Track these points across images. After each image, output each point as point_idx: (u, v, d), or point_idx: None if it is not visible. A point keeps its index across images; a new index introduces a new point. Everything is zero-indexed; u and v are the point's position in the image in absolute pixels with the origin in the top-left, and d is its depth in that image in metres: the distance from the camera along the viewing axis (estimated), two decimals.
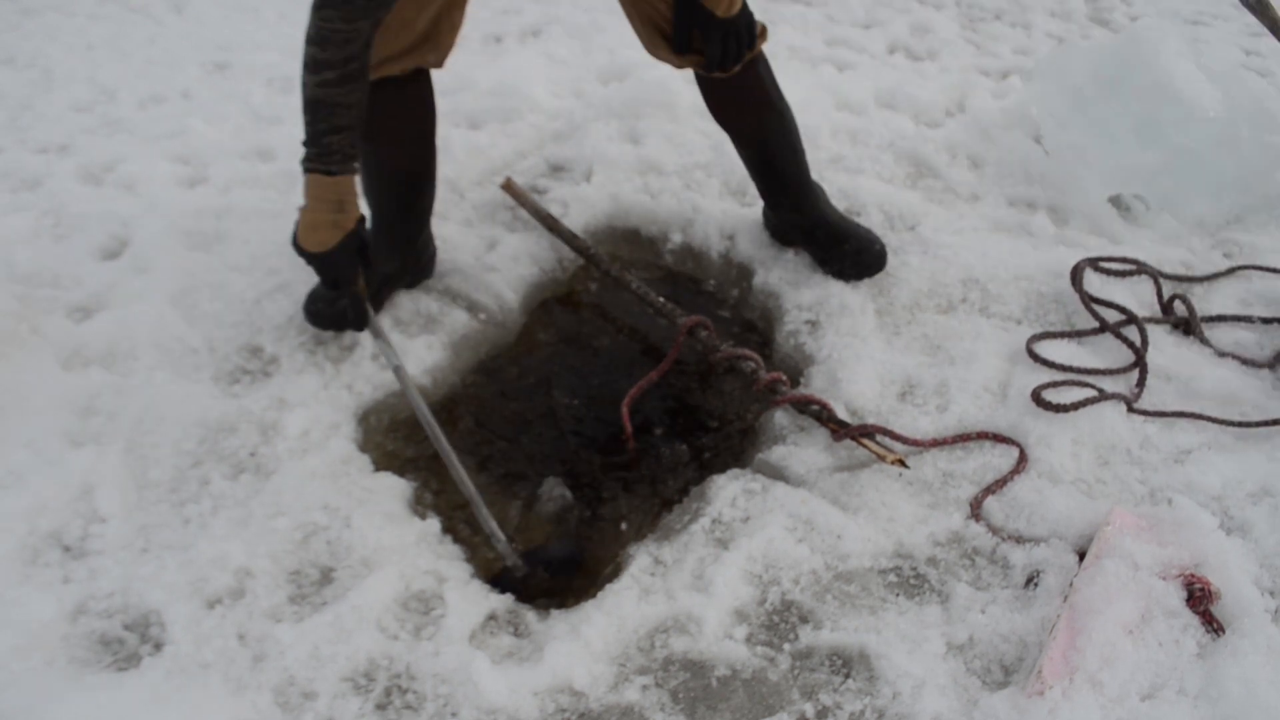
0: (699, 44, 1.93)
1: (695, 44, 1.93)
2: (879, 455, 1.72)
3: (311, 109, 1.62)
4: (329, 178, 1.66)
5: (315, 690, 1.41)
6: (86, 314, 2.07)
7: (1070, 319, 2.11)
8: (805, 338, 2.08)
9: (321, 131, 1.62)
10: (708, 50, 1.92)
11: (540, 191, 2.52)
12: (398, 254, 2.09)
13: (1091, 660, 1.36)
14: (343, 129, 1.63)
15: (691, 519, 1.69)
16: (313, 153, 1.65)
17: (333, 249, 1.72)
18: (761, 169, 2.21)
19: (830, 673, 1.44)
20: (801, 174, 2.21)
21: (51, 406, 1.82)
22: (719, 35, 1.88)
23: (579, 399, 2.08)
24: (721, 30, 1.88)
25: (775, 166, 2.19)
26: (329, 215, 1.69)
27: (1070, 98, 2.56)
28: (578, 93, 3.01)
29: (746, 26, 1.91)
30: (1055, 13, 3.86)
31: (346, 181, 1.69)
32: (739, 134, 2.17)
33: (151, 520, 1.65)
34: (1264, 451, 1.77)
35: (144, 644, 1.47)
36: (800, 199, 2.21)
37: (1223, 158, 2.40)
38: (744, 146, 2.20)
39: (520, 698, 1.40)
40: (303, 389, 1.90)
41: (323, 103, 1.60)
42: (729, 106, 2.11)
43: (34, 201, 2.44)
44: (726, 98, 2.08)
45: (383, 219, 2.08)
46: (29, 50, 3.28)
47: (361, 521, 1.65)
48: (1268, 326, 2.08)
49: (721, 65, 1.94)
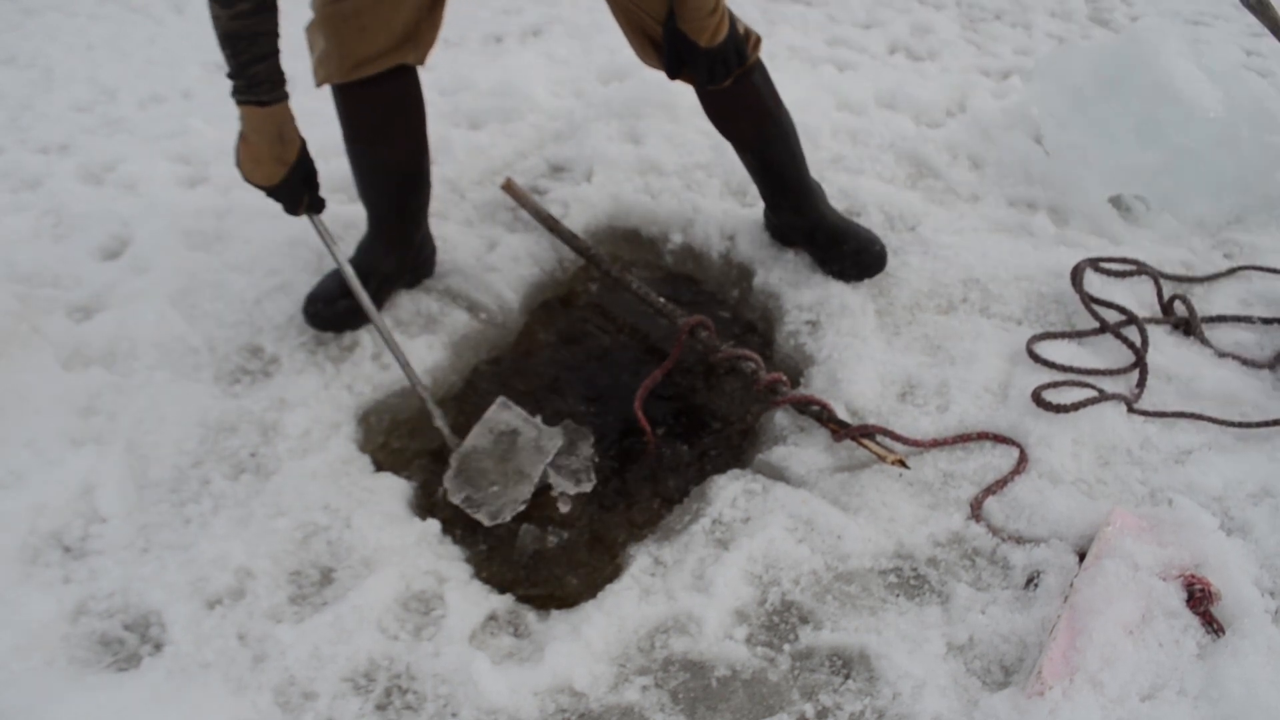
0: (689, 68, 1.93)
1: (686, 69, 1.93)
2: (879, 455, 1.72)
3: (230, 42, 1.57)
4: (263, 109, 1.64)
5: (315, 690, 1.41)
6: (86, 314, 2.07)
7: (1070, 319, 2.11)
8: (805, 338, 2.08)
9: (245, 63, 1.59)
10: (696, 74, 1.92)
11: (540, 192, 2.52)
12: (394, 253, 2.09)
13: (1092, 661, 1.36)
14: (266, 56, 1.60)
15: (692, 519, 1.69)
16: (241, 85, 1.61)
17: (279, 184, 1.73)
18: (761, 173, 2.21)
19: (830, 673, 1.44)
20: (801, 177, 2.21)
21: (51, 406, 1.82)
22: (705, 63, 1.88)
23: (579, 399, 2.08)
24: (708, 59, 1.87)
25: (774, 171, 2.19)
26: (270, 148, 1.68)
27: (1070, 98, 2.56)
28: (578, 93, 3.01)
29: (735, 50, 1.90)
30: (1055, 13, 3.86)
31: (281, 110, 1.66)
32: (738, 142, 2.17)
33: (152, 520, 1.65)
34: (1264, 452, 1.77)
35: (144, 644, 1.47)
36: (800, 201, 2.21)
37: (1223, 158, 2.40)
38: (743, 153, 2.20)
39: (520, 698, 1.40)
40: (303, 389, 1.90)
41: (241, 35, 1.56)
42: (726, 116, 2.11)
43: (34, 201, 2.45)
44: (723, 108, 2.08)
45: (377, 218, 2.07)
46: (29, 50, 3.28)
47: (362, 522, 1.65)
48: (1268, 327, 2.08)
49: (711, 83, 1.94)
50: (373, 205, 2.07)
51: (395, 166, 2.01)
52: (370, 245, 2.09)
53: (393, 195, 2.05)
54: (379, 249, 2.07)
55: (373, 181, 2.03)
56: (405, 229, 2.09)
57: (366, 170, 2.02)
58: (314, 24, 1.81)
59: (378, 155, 1.99)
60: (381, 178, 2.03)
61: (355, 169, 2.02)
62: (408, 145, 2.00)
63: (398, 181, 2.04)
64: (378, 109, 1.90)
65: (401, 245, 2.10)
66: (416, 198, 2.09)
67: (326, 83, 1.85)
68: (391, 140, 1.97)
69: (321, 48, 1.82)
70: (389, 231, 2.08)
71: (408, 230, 2.10)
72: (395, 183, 2.04)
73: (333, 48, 1.79)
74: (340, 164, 2.54)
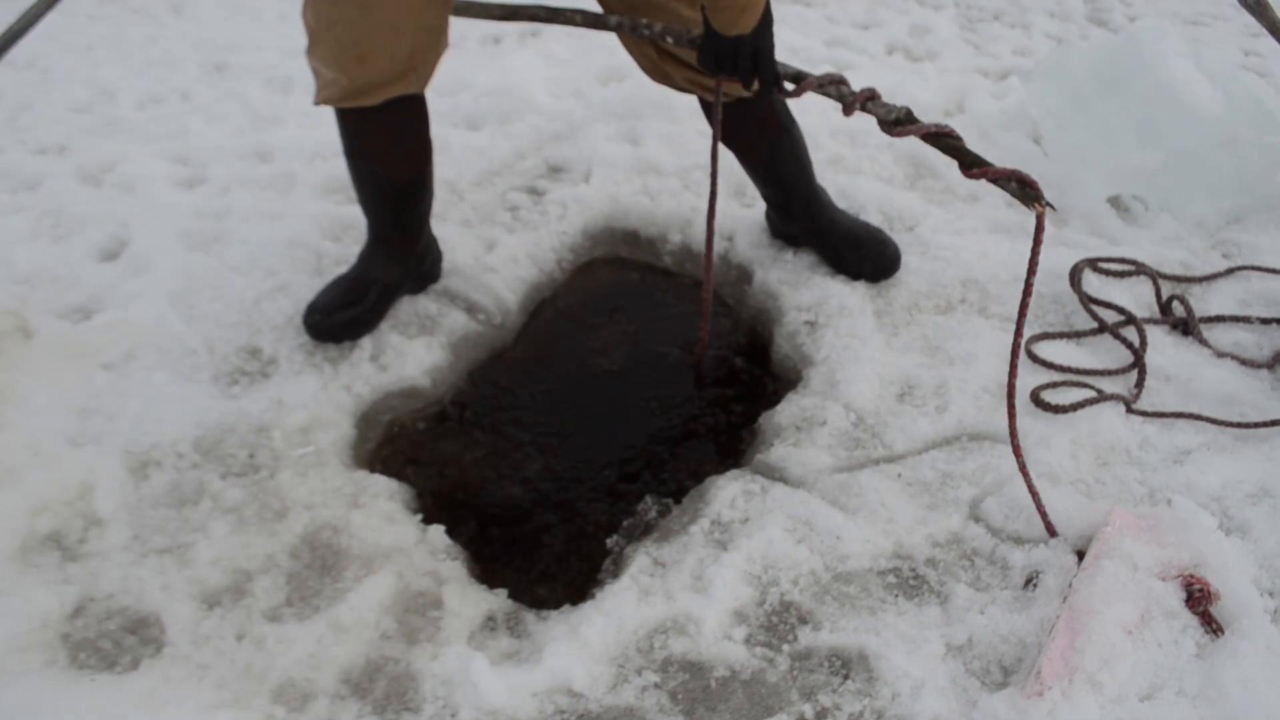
0: None
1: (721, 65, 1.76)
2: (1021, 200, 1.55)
3: None
4: None
5: (314, 691, 1.41)
6: (86, 314, 2.07)
7: (1069, 319, 2.11)
8: (804, 338, 2.08)
9: None
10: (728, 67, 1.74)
11: (539, 192, 2.52)
12: (396, 263, 2.07)
13: (1091, 661, 1.36)
14: None
15: (690, 520, 1.69)
16: None
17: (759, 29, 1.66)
18: (769, 184, 2.19)
19: (829, 674, 1.44)
20: (809, 186, 2.20)
21: (50, 407, 1.82)
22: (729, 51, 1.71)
23: (579, 398, 2.09)
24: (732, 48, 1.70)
25: (783, 183, 2.17)
26: None
27: (1069, 98, 2.56)
28: (577, 93, 3.00)
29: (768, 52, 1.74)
30: (1054, 13, 3.86)
31: None
32: (747, 156, 2.14)
33: (150, 521, 1.65)
34: (1263, 452, 1.77)
35: (143, 645, 1.47)
36: (809, 206, 2.21)
37: (1221, 158, 2.40)
38: (752, 167, 2.16)
39: (519, 699, 1.40)
40: (301, 390, 1.90)
41: None
42: (738, 131, 2.04)
43: (33, 202, 2.44)
44: (735, 122, 2.00)
45: (378, 229, 2.05)
46: (28, 50, 3.26)
47: (360, 522, 1.65)
48: (1266, 327, 2.08)
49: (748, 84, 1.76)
50: (373, 216, 2.04)
51: (397, 182, 1.98)
52: (371, 256, 2.06)
53: (393, 207, 2.02)
54: (379, 260, 2.05)
55: (373, 194, 2.01)
56: (407, 240, 2.07)
57: (368, 184, 1.99)
58: (310, 47, 1.77)
59: (378, 172, 1.96)
60: (382, 192, 2.00)
61: (355, 182, 2.00)
62: (411, 164, 1.97)
63: (398, 195, 2.00)
64: (379, 132, 1.87)
65: (403, 255, 2.08)
66: (417, 209, 2.06)
67: (327, 105, 1.82)
68: (393, 161, 1.94)
69: (321, 74, 1.78)
70: (389, 243, 2.06)
71: (409, 241, 2.08)
72: (395, 196, 2.01)
73: (332, 75, 1.75)
74: (340, 165, 2.55)
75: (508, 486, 1.89)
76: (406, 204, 2.03)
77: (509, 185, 2.55)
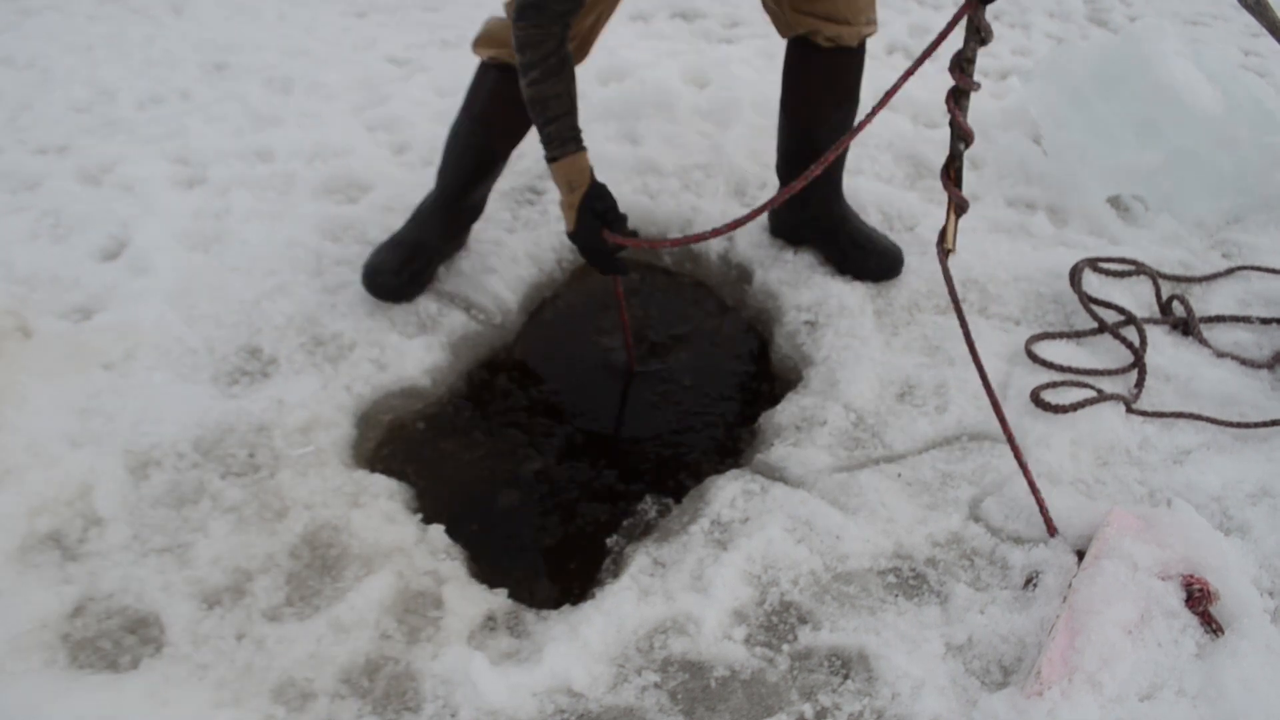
0: None
1: None
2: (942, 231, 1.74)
3: (531, 107, 1.79)
4: (555, 164, 1.82)
5: (314, 691, 1.41)
6: (86, 314, 2.07)
7: (1069, 319, 2.11)
8: (804, 338, 2.08)
9: (541, 125, 1.80)
10: None
11: (538, 192, 2.52)
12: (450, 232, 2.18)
13: (1090, 661, 1.36)
14: (556, 118, 1.79)
15: (690, 520, 1.69)
16: (543, 144, 1.82)
17: (573, 230, 1.86)
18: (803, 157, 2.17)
19: (829, 673, 1.44)
20: (839, 174, 2.23)
21: (51, 406, 1.82)
22: None
23: (579, 398, 2.09)
24: None
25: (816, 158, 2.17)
26: (565, 197, 1.85)
27: (1069, 98, 2.56)
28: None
29: None
30: (1054, 13, 3.86)
31: (568, 163, 1.82)
32: (808, 116, 2.15)
33: (150, 521, 1.65)
34: (1263, 452, 1.77)
35: (143, 645, 1.47)
36: (829, 196, 2.22)
37: (1221, 158, 2.40)
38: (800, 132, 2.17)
39: (519, 698, 1.40)
40: (301, 389, 1.90)
41: (535, 100, 1.78)
42: (815, 86, 2.10)
43: (33, 202, 2.44)
44: (817, 77, 2.09)
45: (448, 197, 2.15)
46: (28, 50, 3.28)
47: (360, 522, 1.65)
48: (1266, 327, 2.08)
49: None
50: (451, 180, 2.15)
51: (492, 150, 2.12)
52: (427, 219, 2.17)
53: (472, 173, 2.14)
54: (435, 224, 2.16)
55: (465, 158, 2.13)
56: (467, 213, 2.21)
57: (470, 147, 2.12)
58: None
59: (482, 137, 2.09)
60: (478, 158, 2.13)
61: (455, 142, 2.12)
62: (513, 136, 2.12)
63: (490, 163, 2.14)
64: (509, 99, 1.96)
65: (458, 229, 2.21)
66: (488, 181, 2.20)
67: (491, 55, 1.99)
68: (504, 129, 2.09)
69: (496, 31, 1.98)
70: (452, 211, 2.17)
71: (469, 214, 2.21)
72: (488, 164, 2.15)
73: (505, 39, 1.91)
74: (346, 162, 2.55)
75: (508, 486, 1.89)
76: (488, 176, 2.17)
77: (509, 185, 2.55)
